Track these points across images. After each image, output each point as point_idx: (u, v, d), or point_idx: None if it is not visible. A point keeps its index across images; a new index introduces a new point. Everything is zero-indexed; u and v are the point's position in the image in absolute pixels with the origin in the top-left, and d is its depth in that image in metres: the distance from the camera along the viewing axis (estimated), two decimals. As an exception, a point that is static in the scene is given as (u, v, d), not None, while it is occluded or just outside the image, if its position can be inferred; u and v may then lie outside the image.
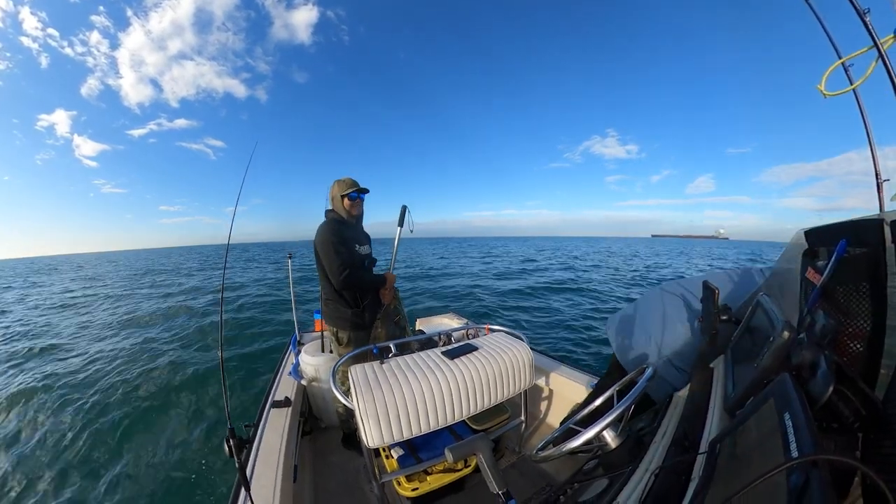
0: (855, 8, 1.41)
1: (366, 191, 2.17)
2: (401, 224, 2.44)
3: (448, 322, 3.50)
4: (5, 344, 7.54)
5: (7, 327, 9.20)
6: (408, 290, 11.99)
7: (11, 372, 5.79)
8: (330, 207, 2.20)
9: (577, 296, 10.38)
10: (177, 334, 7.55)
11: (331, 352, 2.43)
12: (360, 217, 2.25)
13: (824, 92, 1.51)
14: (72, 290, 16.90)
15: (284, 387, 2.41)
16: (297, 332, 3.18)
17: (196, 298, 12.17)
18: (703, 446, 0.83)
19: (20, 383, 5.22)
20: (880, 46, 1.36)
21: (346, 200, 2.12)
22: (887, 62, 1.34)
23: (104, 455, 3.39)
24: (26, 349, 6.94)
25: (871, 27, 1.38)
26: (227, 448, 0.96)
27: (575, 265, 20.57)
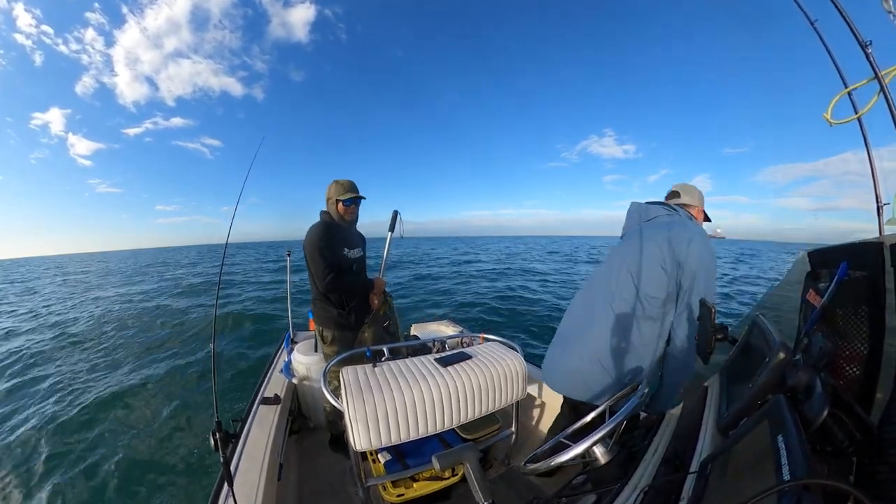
0: (857, 40, 1.42)
1: (362, 198, 2.16)
2: (391, 229, 2.42)
3: (443, 329, 3.48)
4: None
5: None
6: (396, 282, 12.48)
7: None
8: (325, 208, 2.18)
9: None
10: (172, 321, 7.55)
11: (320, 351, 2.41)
12: (353, 221, 2.23)
13: (830, 121, 1.52)
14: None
15: (275, 384, 2.39)
16: (290, 329, 3.16)
17: (195, 289, 12.25)
18: (694, 466, 0.81)
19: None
20: (882, 79, 1.37)
21: (340, 205, 2.11)
22: (888, 95, 1.35)
23: (82, 436, 3.38)
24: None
25: (872, 59, 1.40)
26: (212, 441, 0.95)
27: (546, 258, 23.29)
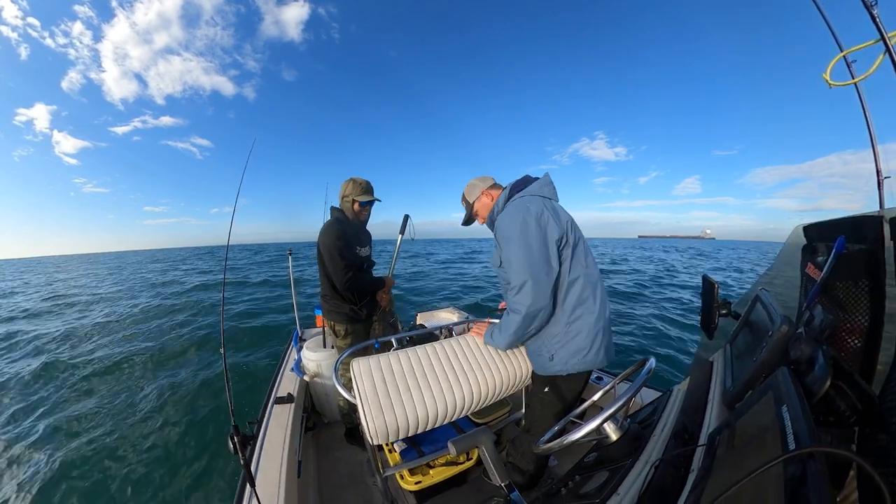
0: (863, 0, 1.38)
1: (378, 201, 2.20)
2: (402, 232, 2.48)
3: (448, 316, 3.51)
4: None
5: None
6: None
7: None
8: (338, 205, 2.20)
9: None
10: (177, 330, 7.59)
11: (332, 347, 2.45)
12: (365, 221, 2.27)
13: (830, 82, 1.47)
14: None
15: (287, 383, 2.42)
16: (298, 328, 3.19)
17: (198, 294, 12.24)
18: (703, 439, 0.84)
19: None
20: (888, 40, 1.33)
21: (356, 205, 2.12)
22: (894, 57, 1.31)
23: (108, 451, 3.43)
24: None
25: (878, 20, 1.36)
26: (231, 445, 0.97)
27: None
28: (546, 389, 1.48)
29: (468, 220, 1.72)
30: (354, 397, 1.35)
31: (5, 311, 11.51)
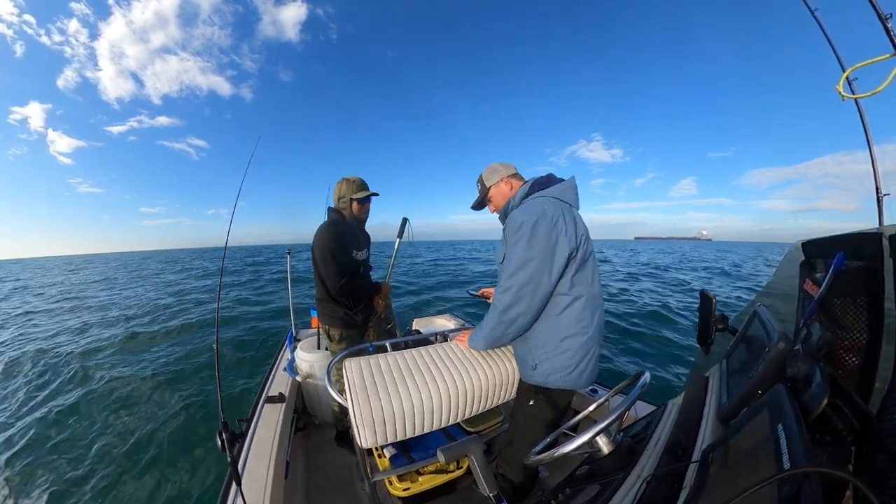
0: (877, 13, 1.38)
1: (376, 195, 2.14)
2: (400, 235, 2.45)
3: (445, 323, 3.50)
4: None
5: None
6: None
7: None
8: (333, 206, 2.14)
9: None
10: (173, 324, 7.56)
11: (326, 348, 2.42)
12: (365, 220, 2.21)
13: (843, 94, 1.46)
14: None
15: (279, 382, 2.40)
16: (293, 328, 3.18)
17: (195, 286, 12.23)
18: (696, 455, 0.82)
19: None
20: None
21: (355, 203, 2.07)
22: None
23: (89, 441, 3.39)
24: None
25: (892, 33, 1.36)
26: (219, 442, 0.95)
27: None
28: (531, 403, 1.45)
29: (479, 205, 1.62)
30: (346, 400, 1.33)
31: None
